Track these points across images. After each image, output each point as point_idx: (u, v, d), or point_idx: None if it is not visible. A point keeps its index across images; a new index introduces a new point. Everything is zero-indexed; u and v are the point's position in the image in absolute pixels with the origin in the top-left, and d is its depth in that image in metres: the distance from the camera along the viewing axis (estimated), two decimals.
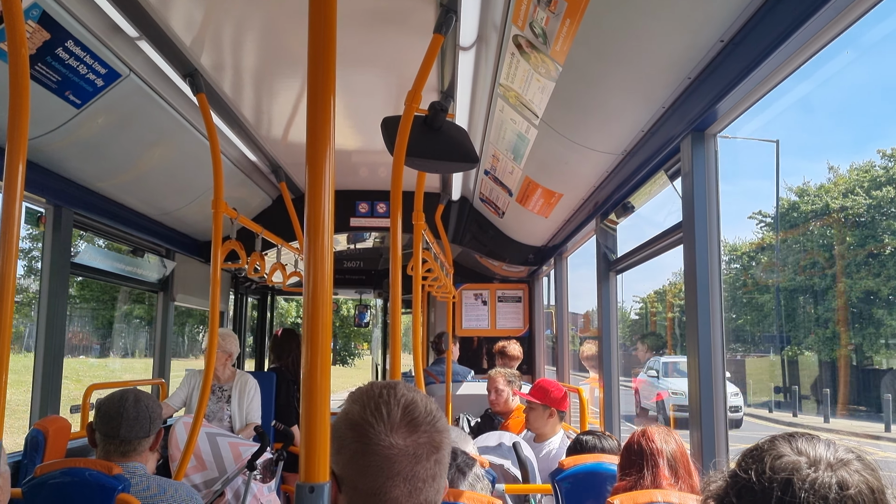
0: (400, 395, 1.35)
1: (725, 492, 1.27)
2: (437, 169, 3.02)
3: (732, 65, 2.40)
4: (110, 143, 3.99)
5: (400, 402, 1.33)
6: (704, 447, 2.80)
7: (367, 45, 3.38)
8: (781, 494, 1.16)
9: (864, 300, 20.76)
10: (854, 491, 1.15)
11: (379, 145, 2.65)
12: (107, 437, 2.62)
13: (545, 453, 4.20)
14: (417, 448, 1.30)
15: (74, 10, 2.93)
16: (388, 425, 1.30)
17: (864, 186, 21.05)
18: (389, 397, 1.34)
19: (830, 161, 36.73)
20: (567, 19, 2.59)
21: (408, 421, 1.32)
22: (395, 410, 1.32)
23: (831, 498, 1.14)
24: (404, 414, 1.32)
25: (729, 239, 25.07)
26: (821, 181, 25.29)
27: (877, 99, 35.45)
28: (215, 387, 5.11)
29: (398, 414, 1.31)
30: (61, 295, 4.27)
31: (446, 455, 1.36)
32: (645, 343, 23.56)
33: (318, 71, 1.27)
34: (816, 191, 22.29)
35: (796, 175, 46.78)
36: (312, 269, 1.22)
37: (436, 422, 1.35)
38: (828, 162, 35.34)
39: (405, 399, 1.34)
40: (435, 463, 1.33)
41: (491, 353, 7.18)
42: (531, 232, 6.18)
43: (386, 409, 1.32)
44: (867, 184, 21.00)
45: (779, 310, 23.79)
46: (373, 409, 1.32)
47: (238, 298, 8.62)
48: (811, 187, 22.49)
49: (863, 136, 37.51)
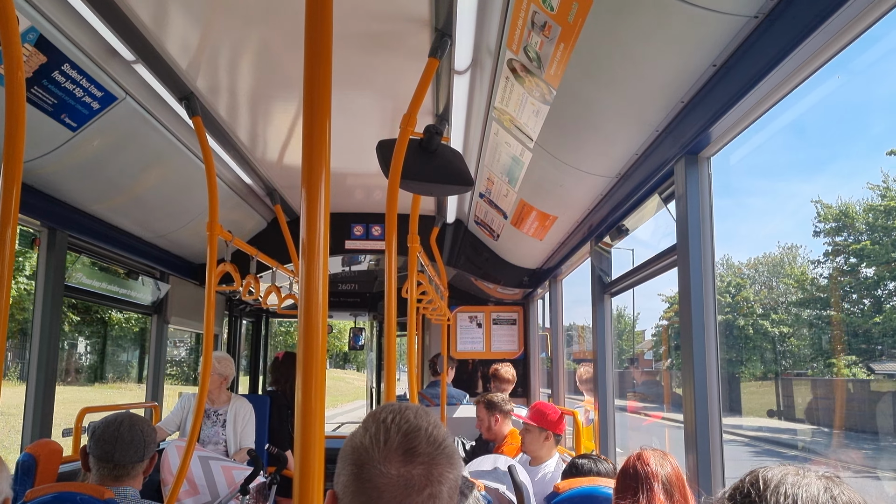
0: (405, 422, 1.29)
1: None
2: (432, 192, 3.03)
3: (725, 89, 2.42)
4: (106, 165, 3.99)
5: (402, 428, 1.27)
6: (700, 470, 2.79)
7: (363, 69, 3.40)
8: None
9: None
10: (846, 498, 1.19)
11: (374, 168, 2.66)
12: (100, 460, 2.60)
13: (540, 476, 4.17)
14: (411, 479, 1.23)
15: (71, 34, 2.95)
16: (383, 452, 1.24)
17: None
18: (392, 423, 1.28)
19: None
20: (561, 44, 2.61)
21: (405, 450, 1.25)
22: (395, 437, 1.26)
23: (821, 501, 1.18)
24: (403, 441, 1.26)
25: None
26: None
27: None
28: (210, 410, 5.08)
29: (396, 441, 1.25)
30: (55, 317, 4.25)
31: (443, 490, 1.26)
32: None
33: (314, 94, 1.28)
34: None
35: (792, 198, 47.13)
36: (307, 292, 1.22)
37: (437, 453, 1.27)
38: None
39: (409, 426, 1.28)
40: (429, 497, 1.24)
41: (486, 376, 7.16)
42: (526, 254, 6.19)
43: (385, 435, 1.26)
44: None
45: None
46: (373, 434, 1.27)
47: (232, 321, 8.59)
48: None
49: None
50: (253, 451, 4.59)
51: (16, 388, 16.62)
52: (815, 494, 1.21)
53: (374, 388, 12.05)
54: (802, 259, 30.17)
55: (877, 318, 22.41)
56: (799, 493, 1.22)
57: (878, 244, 21.92)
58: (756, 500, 1.25)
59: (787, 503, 1.21)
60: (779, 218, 45.50)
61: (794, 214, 45.57)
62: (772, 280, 31.28)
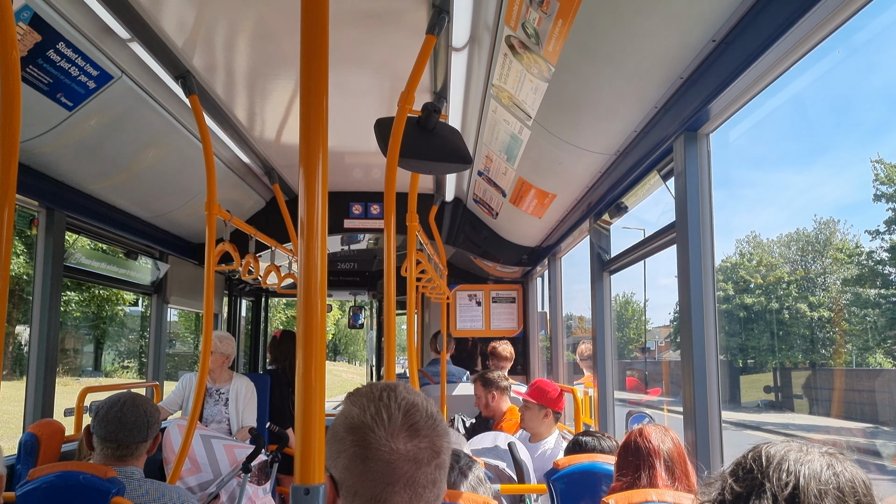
0: (401, 399, 1.31)
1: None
2: (431, 170, 3.01)
3: (724, 64, 2.40)
4: (103, 145, 3.98)
5: (401, 405, 1.30)
6: (699, 446, 2.81)
7: (360, 46, 3.38)
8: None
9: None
10: (849, 475, 1.21)
11: (372, 146, 2.65)
12: (104, 441, 2.61)
13: (540, 453, 4.21)
14: (419, 453, 1.27)
15: (65, 12, 2.92)
16: (388, 430, 1.26)
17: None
18: (390, 400, 1.30)
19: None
20: (559, 20, 2.59)
21: (409, 425, 1.28)
22: (397, 414, 1.28)
23: (824, 478, 1.19)
24: (405, 418, 1.28)
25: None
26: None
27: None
28: (212, 389, 5.10)
29: (399, 418, 1.28)
30: (55, 297, 4.25)
31: (446, 459, 1.33)
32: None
33: (311, 72, 1.27)
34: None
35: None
36: (306, 271, 1.22)
37: (436, 426, 1.32)
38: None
39: (406, 402, 1.31)
40: (436, 468, 1.29)
41: (486, 354, 7.18)
42: (525, 232, 6.19)
43: (387, 412, 1.28)
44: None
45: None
46: (373, 413, 1.28)
47: (232, 300, 8.61)
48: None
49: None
50: (254, 430, 4.61)
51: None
52: (818, 471, 1.22)
53: (374, 367, 12.10)
54: (842, 233, 27.36)
55: None
56: (801, 470, 1.23)
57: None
58: (759, 475, 1.25)
59: (790, 479, 1.22)
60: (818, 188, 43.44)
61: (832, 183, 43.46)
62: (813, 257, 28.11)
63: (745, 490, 1.26)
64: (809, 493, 1.19)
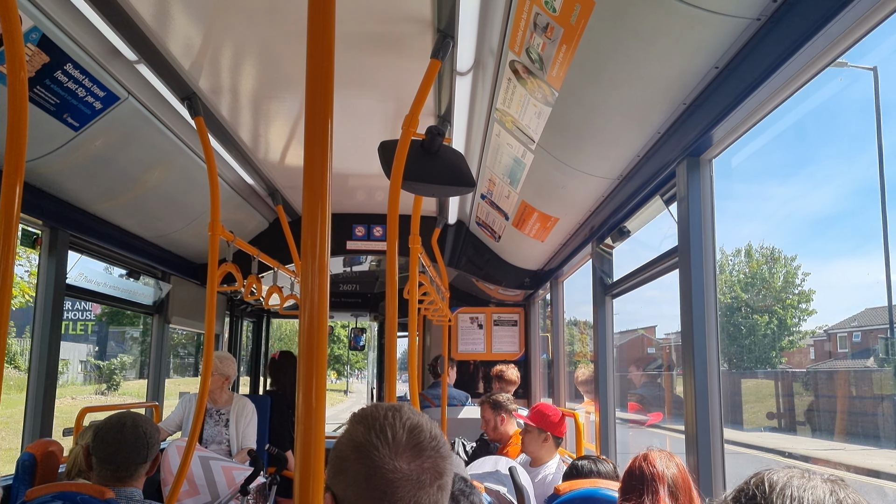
0: (406, 418, 1.31)
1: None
2: (434, 193, 3.02)
3: (727, 91, 2.42)
4: (108, 165, 4.00)
5: (405, 424, 1.30)
6: (701, 471, 2.79)
7: (365, 70, 3.40)
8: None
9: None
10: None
11: (376, 169, 2.66)
12: (103, 462, 2.59)
13: (541, 478, 4.17)
14: (422, 473, 1.27)
15: (73, 34, 2.95)
16: (393, 448, 1.26)
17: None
18: (395, 420, 1.30)
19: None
20: (563, 45, 2.61)
21: (413, 445, 1.28)
22: (401, 433, 1.28)
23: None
24: (410, 437, 1.29)
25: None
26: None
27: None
28: (212, 410, 5.08)
29: (403, 437, 1.28)
30: (56, 316, 4.25)
31: (449, 481, 1.33)
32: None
33: (316, 94, 1.28)
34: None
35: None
36: (308, 293, 1.22)
37: (440, 447, 1.31)
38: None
39: (411, 423, 1.31)
40: (438, 489, 1.29)
41: (488, 377, 7.15)
42: (527, 256, 6.19)
43: (391, 431, 1.28)
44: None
45: None
46: (378, 432, 1.28)
47: (233, 321, 8.60)
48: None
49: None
50: (253, 451, 4.59)
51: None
52: (821, 498, 1.21)
53: (375, 389, 12.04)
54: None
55: None
56: (805, 497, 1.22)
57: None
58: (762, 501, 1.25)
59: None
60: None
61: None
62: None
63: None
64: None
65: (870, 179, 31.81)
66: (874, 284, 26.56)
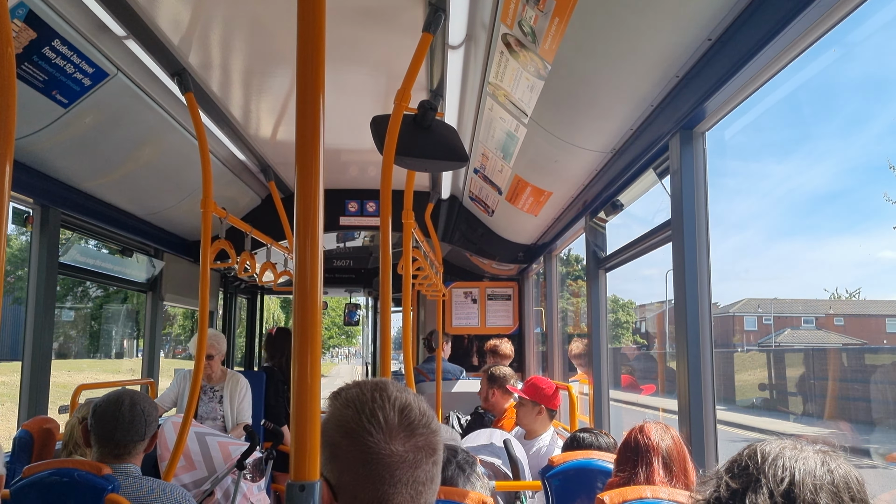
0: (394, 398, 1.30)
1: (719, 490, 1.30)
2: (427, 168, 3.01)
3: (720, 63, 2.41)
4: (98, 142, 3.97)
5: (395, 405, 1.29)
6: (693, 442, 2.81)
7: (356, 44, 3.38)
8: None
9: None
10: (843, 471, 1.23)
11: (368, 144, 2.64)
12: (102, 439, 2.61)
13: (535, 450, 4.21)
14: (417, 452, 1.27)
15: (61, 9, 2.92)
16: (386, 432, 1.25)
17: None
18: (384, 401, 1.29)
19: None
20: (556, 18, 2.59)
21: (405, 425, 1.28)
22: (392, 415, 1.27)
23: (819, 474, 1.21)
24: (401, 418, 1.28)
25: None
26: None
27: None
28: (207, 387, 5.10)
29: (395, 419, 1.27)
30: (49, 295, 4.24)
31: (441, 455, 1.34)
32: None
33: (307, 69, 1.27)
34: None
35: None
36: (302, 269, 1.22)
37: (430, 423, 1.32)
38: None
39: (399, 402, 1.30)
40: (433, 465, 1.30)
41: (482, 351, 7.18)
42: (521, 230, 6.19)
43: (382, 414, 1.27)
44: None
45: None
46: (368, 416, 1.26)
47: (227, 298, 8.60)
48: None
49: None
50: (249, 427, 4.61)
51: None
52: (813, 468, 1.23)
53: (370, 364, 12.10)
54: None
55: None
56: (797, 466, 1.24)
57: None
58: (754, 472, 1.27)
59: (785, 475, 1.23)
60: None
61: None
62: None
63: (742, 486, 1.27)
64: (805, 488, 1.21)
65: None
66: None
